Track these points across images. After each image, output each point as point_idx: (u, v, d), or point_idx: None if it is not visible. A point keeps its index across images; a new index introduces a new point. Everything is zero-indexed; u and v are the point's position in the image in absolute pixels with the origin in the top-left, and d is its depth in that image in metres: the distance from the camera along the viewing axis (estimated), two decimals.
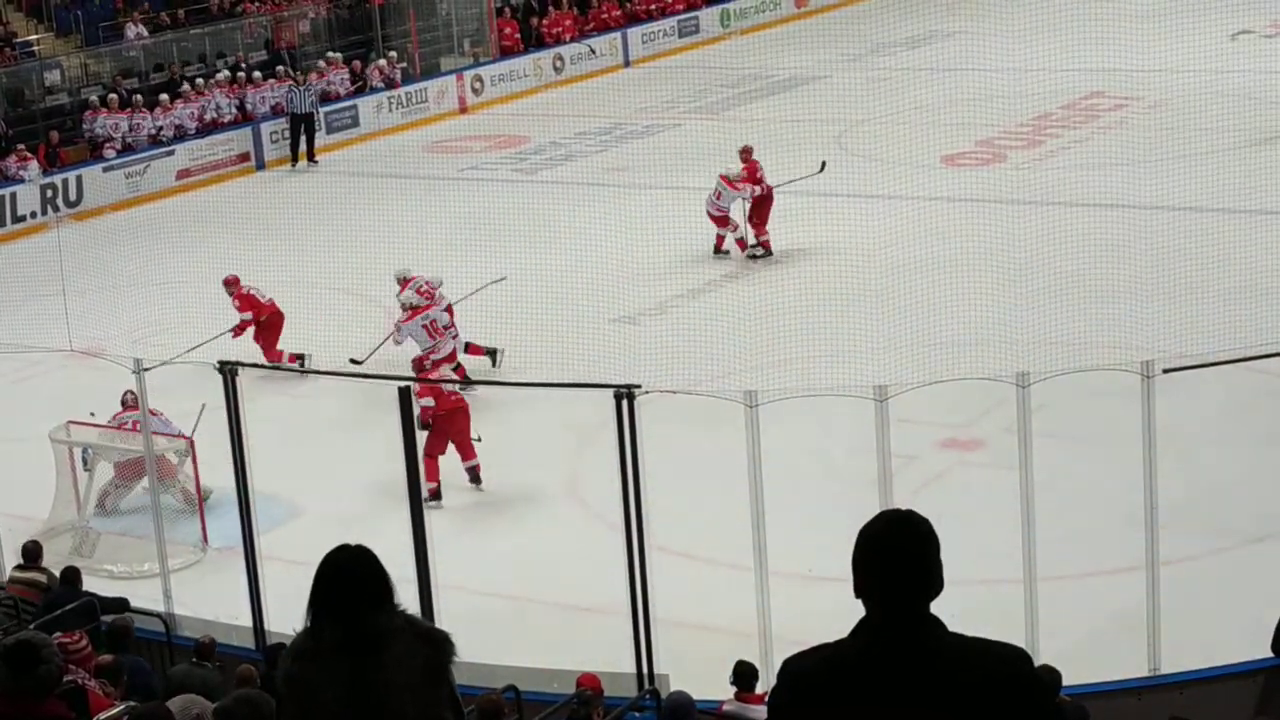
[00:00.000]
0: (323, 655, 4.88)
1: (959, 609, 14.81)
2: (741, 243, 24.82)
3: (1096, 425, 16.89)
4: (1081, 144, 30.38)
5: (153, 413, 17.17)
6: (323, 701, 4.89)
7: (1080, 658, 11.36)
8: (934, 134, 29.77)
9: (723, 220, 24.81)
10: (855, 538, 4.30)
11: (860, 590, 4.26)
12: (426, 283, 20.44)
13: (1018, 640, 12.97)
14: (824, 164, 25.67)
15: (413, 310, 19.90)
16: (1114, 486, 14.76)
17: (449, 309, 20.27)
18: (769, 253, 24.74)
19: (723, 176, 24.69)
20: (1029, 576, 12.81)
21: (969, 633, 4.33)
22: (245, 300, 21.61)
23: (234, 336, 21.23)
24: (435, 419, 17.21)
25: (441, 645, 5.00)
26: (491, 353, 20.40)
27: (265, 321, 21.70)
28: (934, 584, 4.27)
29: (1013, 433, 13.00)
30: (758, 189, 24.82)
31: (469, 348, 20.31)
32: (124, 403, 17.50)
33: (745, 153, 25.33)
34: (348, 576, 4.91)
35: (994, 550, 14.03)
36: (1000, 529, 13.63)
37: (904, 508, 4.42)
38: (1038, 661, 11.23)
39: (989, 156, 30.43)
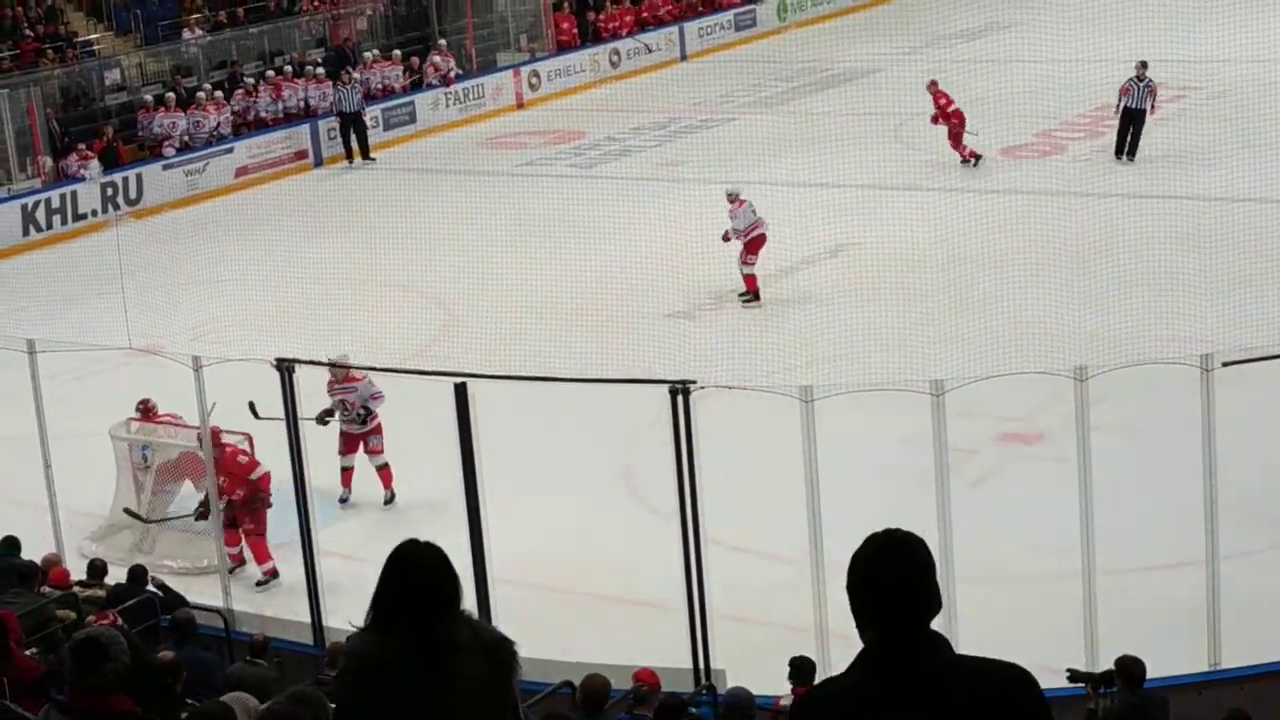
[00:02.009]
0: (387, 668, 4.61)
1: (1019, 605, 14.61)
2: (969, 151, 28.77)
3: (1155, 419, 16.78)
4: (1141, 135, 30.13)
5: (172, 417, 17.23)
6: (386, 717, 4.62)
7: (1140, 652, 11.26)
8: (992, 126, 29.62)
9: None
10: (849, 565, 4.23)
11: (861, 617, 4.19)
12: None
13: (1077, 635, 12.95)
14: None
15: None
16: (1173, 481, 14.65)
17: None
18: (980, 157, 28.90)
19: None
20: (1088, 570, 12.75)
21: (1030, 629, 4.31)
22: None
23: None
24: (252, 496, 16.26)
25: (507, 658, 4.69)
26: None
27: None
28: (935, 602, 4.21)
29: (1072, 427, 12.92)
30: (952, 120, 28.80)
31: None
32: (144, 410, 17.45)
33: (931, 85, 28.98)
34: (420, 580, 4.64)
35: (1053, 544, 13.99)
36: (1059, 523, 13.56)
37: (893, 527, 4.32)
38: (1110, 655, 11.27)
39: (1048, 148, 30.28)
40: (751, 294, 23.00)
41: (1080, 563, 12.78)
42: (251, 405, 16.15)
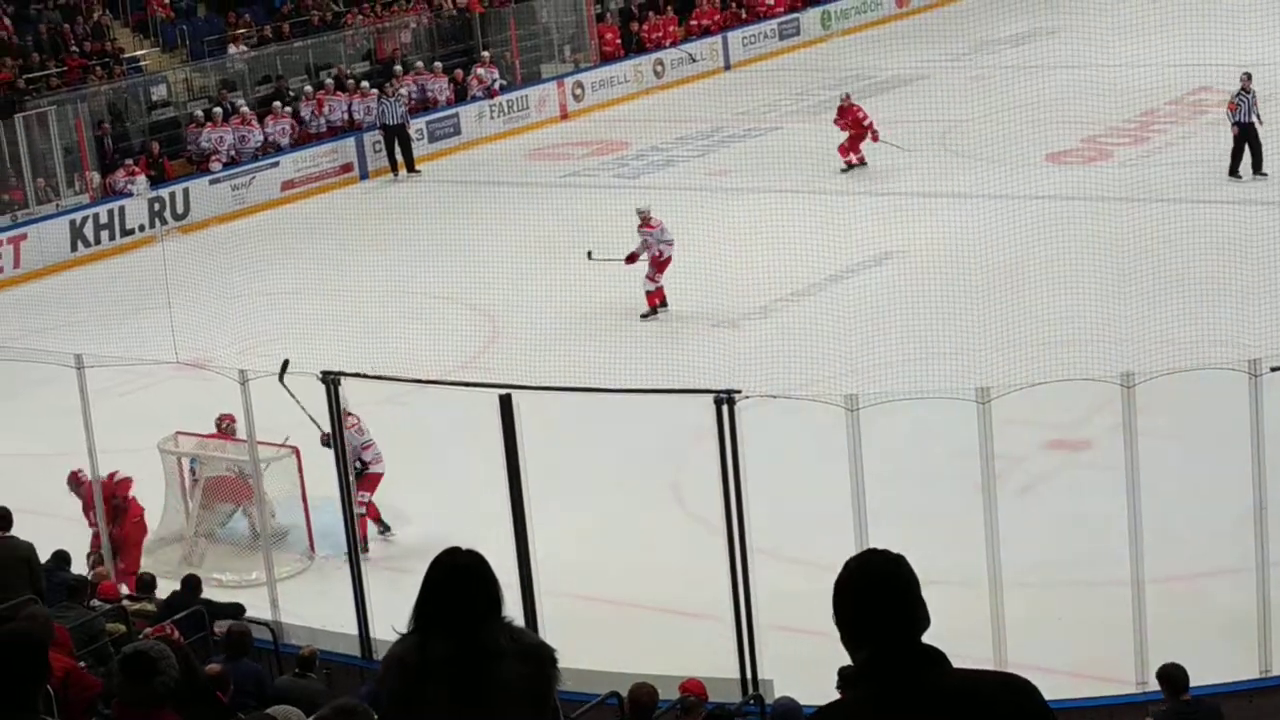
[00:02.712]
0: (428, 671, 4.71)
1: (1068, 612, 14.44)
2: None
3: (1204, 425, 16.67)
4: (1188, 140, 30.00)
5: (230, 436, 17.26)
6: None
7: (1189, 660, 11.18)
8: (1038, 132, 29.50)
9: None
10: (833, 588, 4.24)
11: (853, 637, 4.19)
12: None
13: (1126, 643, 12.82)
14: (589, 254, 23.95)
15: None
16: (1222, 486, 14.57)
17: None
18: (863, 163, 30.20)
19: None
20: (1137, 578, 12.67)
21: (1078, 637, 4.29)
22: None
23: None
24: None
25: (546, 665, 4.80)
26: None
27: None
28: (925, 616, 4.21)
29: (1119, 433, 12.84)
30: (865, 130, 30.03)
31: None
32: (218, 426, 17.47)
33: (845, 98, 30.34)
34: (461, 585, 4.73)
35: (1102, 552, 13.90)
36: (1107, 530, 13.48)
37: (876, 547, 4.35)
38: (1156, 663, 11.18)
39: (1094, 154, 30.15)
40: (651, 310, 23.12)
41: (1129, 570, 12.71)
42: (283, 367, 15.68)
